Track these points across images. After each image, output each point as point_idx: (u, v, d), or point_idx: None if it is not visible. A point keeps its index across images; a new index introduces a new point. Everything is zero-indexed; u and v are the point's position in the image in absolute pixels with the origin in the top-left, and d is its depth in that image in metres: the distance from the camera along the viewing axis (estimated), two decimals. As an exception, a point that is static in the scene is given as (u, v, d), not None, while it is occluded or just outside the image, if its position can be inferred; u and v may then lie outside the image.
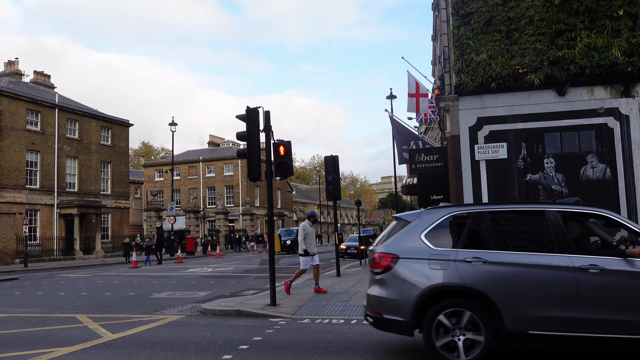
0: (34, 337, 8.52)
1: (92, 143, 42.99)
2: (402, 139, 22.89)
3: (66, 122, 40.73)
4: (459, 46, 15.73)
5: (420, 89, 24.00)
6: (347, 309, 10.48)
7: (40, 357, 7.06)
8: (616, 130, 14.74)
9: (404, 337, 7.77)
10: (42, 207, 38.12)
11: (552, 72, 14.92)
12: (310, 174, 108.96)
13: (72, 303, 12.81)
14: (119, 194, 45.81)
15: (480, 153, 15.47)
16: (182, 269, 24.35)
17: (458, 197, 15.66)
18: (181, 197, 65.40)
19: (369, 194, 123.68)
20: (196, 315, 10.63)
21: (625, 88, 14.70)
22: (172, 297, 13.66)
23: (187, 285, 16.42)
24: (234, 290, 14.97)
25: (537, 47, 15.14)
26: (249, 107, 11.19)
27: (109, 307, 11.95)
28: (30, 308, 12.11)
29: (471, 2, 15.77)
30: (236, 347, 7.42)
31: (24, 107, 37.21)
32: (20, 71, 44.22)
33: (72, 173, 41.14)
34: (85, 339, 8.22)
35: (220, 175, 66.06)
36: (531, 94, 15.27)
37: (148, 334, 8.62)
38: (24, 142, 36.96)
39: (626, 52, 14.45)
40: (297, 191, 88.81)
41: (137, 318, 10.27)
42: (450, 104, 15.83)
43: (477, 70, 15.40)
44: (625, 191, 14.51)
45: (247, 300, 11.91)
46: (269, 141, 11.44)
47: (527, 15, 15.32)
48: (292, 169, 11.64)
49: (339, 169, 17.60)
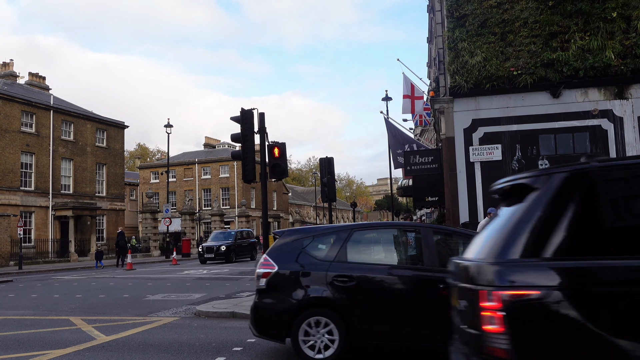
0: (27, 339, 8.48)
1: (87, 145, 42.89)
2: (397, 143, 22.93)
3: (61, 123, 40.64)
4: (453, 48, 15.78)
5: (415, 90, 24.07)
6: (341, 311, 10.46)
7: (33, 359, 7.03)
8: (610, 131, 14.80)
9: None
10: (37, 209, 37.99)
11: (546, 74, 14.98)
12: (307, 175, 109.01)
13: (66, 305, 12.76)
14: (115, 196, 45.72)
15: (474, 155, 15.51)
16: (177, 270, 24.30)
17: (453, 199, 15.69)
18: (177, 199, 65.30)
19: (365, 196, 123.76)
20: (190, 317, 10.60)
21: (619, 90, 14.76)
22: (167, 299, 13.63)
23: (182, 287, 16.39)
24: (229, 292, 14.94)
25: (531, 49, 15.20)
26: (244, 109, 11.19)
27: (103, 310, 11.92)
28: (24, 310, 12.06)
29: (466, 4, 15.82)
30: (230, 349, 7.41)
31: (19, 109, 37.11)
32: (15, 73, 44.14)
33: (67, 175, 41.03)
34: (79, 341, 8.19)
35: (216, 177, 66.00)
36: (525, 96, 15.33)
37: (142, 336, 8.59)
38: (19, 143, 36.85)
39: (620, 54, 14.52)
40: (293, 193, 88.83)
41: (131, 320, 10.24)
42: (445, 105, 15.86)
43: (471, 72, 15.45)
44: (619, 193, 14.55)
45: (241, 302, 11.89)
46: (264, 143, 11.45)
47: (522, 17, 15.38)
48: (286, 171, 11.64)
49: (334, 171, 17.60)
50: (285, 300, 6.46)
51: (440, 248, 6.65)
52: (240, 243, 32.33)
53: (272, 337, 6.64)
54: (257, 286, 6.73)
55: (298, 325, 6.35)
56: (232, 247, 30.95)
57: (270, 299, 6.57)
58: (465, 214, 15.41)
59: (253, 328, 6.76)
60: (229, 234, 32.98)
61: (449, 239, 7.08)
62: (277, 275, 6.57)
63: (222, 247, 30.39)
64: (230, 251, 30.60)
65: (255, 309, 6.71)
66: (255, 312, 6.71)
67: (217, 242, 31.43)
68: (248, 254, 32.96)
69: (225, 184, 65.50)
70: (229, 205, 64.40)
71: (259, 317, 6.67)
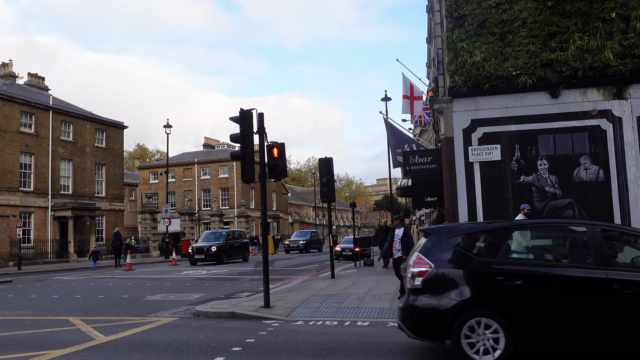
0: (27, 339, 8.49)
1: (87, 145, 42.87)
2: (396, 143, 22.95)
3: (60, 124, 40.62)
4: (452, 48, 15.78)
5: (414, 91, 24.08)
6: (340, 311, 10.48)
7: (33, 359, 7.03)
8: (609, 132, 14.81)
9: (398, 338, 7.78)
10: (36, 209, 37.97)
11: (545, 74, 14.98)
12: (306, 176, 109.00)
13: (66, 306, 12.76)
14: (114, 197, 45.69)
15: (474, 155, 15.51)
16: (177, 271, 24.29)
17: (452, 199, 15.69)
18: (176, 200, 65.29)
19: (364, 196, 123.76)
20: (190, 317, 10.61)
21: (618, 90, 14.77)
22: (166, 299, 13.63)
23: (181, 288, 16.39)
24: (228, 292, 14.95)
25: (530, 50, 15.20)
26: (243, 109, 11.19)
27: (102, 310, 11.92)
28: (23, 311, 12.06)
29: (465, 4, 15.82)
30: (229, 349, 7.41)
31: (18, 109, 37.09)
32: (14, 73, 44.13)
33: (66, 175, 41.01)
34: (78, 341, 8.20)
35: (215, 178, 66.00)
36: (524, 96, 15.33)
37: (141, 336, 8.60)
38: (18, 144, 36.84)
39: (619, 55, 14.52)
40: (293, 193, 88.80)
41: (131, 320, 10.25)
42: (444, 105, 15.87)
43: (470, 72, 15.45)
44: (618, 193, 14.57)
45: (240, 302, 11.90)
46: (263, 143, 11.45)
47: (521, 17, 15.39)
48: (285, 171, 11.64)
49: (334, 171, 17.61)
50: (445, 300, 6.20)
51: (609, 245, 6.41)
52: (232, 244, 31.52)
53: (432, 339, 6.35)
54: (410, 286, 6.44)
55: (460, 327, 6.09)
56: (223, 248, 30.10)
57: (428, 299, 6.31)
58: (465, 214, 15.41)
59: (408, 329, 6.48)
60: (220, 235, 32.08)
61: (618, 237, 6.84)
62: (435, 274, 6.33)
63: (212, 248, 29.46)
64: (221, 252, 29.68)
65: (411, 310, 6.40)
66: (411, 312, 6.40)
67: (207, 242, 30.54)
68: (240, 255, 32.18)
69: (225, 184, 65.51)
70: (229, 206, 64.40)
71: (416, 317, 6.37)
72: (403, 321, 6.56)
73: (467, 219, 15.33)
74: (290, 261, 31.20)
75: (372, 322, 9.39)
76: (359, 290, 13.43)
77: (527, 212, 12.58)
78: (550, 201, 14.88)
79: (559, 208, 14.66)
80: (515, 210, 15.16)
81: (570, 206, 14.61)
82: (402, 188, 28.45)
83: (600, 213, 13.94)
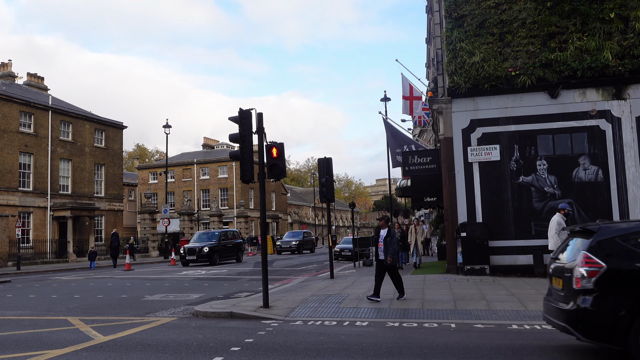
0: (25, 339, 8.48)
1: (86, 145, 42.85)
2: (396, 143, 22.97)
3: (59, 124, 40.59)
4: (452, 49, 15.79)
5: (414, 91, 24.09)
6: (339, 311, 10.47)
7: (31, 359, 7.03)
8: (608, 132, 14.82)
9: (397, 338, 7.78)
10: (35, 209, 37.94)
11: (544, 75, 15.00)
12: (305, 176, 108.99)
13: (64, 306, 12.75)
14: (113, 197, 45.67)
15: (473, 155, 15.52)
16: (176, 271, 24.29)
17: (451, 199, 15.70)
18: (175, 200, 65.28)
19: (363, 197, 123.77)
20: (189, 317, 10.60)
21: (617, 90, 14.78)
22: (165, 299, 13.62)
23: (180, 288, 16.38)
24: (227, 292, 14.94)
25: (529, 50, 15.21)
26: (242, 109, 11.18)
27: (101, 310, 11.91)
28: (22, 310, 12.05)
29: (464, 4, 15.83)
30: (228, 349, 7.40)
31: (17, 109, 37.06)
32: (13, 73, 44.09)
33: (65, 175, 40.97)
34: (77, 341, 8.19)
35: (214, 178, 66.00)
36: (524, 96, 15.34)
37: (140, 336, 8.59)
38: (17, 144, 36.81)
39: (618, 55, 14.54)
40: (292, 193, 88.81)
41: (129, 320, 10.24)
42: (444, 106, 15.87)
43: (470, 73, 15.46)
44: (617, 193, 14.58)
45: (239, 302, 11.89)
46: (262, 143, 11.44)
47: (520, 18, 15.40)
48: (284, 171, 11.63)
49: (333, 171, 17.60)
50: (622, 300, 5.94)
51: None
52: (225, 244, 30.84)
53: (607, 341, 6.03)
54: (579, 286, 6.14)
55: (638, 329, 5.81)
56: (216, 249, 29.37)
57: (602, 299, 6.00)
58: (464, 214, 15.42)
59: (578, 332, 6.19)
60: (213, 235, 31.41)
61: None
62: (608, 274, 6.03)
63: (204, 249, 28.77)
64: (213, 253, 28.92)
65: (583, 312, 6.08)
66: (584, 315, 6.08)
67: (200, 243, 29.83)
68: (233, 256, 31.58)
69: (224, 184, 65.51)
70: (228, 206, 64.40)
71: (589, 320, 6.06)
72: (573, 325, 6.26)
73: (466, 219, 15.34)
74: (290, 261, 31.19)
75: (371, 322, 9.39)
76: (358, 291, 13.42)
77: (567, 212, 12.08)
78: (550, 201, 14.89)
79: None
80: (515, 210, 15.17)
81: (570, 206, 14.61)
82: (402, 188, 28.45)
83: (599, 213, 13.95)
